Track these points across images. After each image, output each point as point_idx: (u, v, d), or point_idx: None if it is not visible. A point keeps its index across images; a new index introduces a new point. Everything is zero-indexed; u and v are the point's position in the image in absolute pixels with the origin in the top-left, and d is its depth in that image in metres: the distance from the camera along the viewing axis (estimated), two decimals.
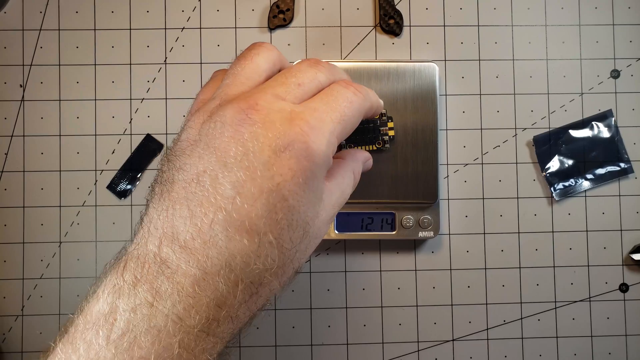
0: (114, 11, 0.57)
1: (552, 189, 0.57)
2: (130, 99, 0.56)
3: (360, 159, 0.36)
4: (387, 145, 0.43)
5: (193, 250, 0.25)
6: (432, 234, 0.53)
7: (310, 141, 0.27)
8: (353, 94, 0.30)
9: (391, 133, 0.43)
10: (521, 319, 0.56)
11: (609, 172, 0.57)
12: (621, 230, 0.57)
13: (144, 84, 0.56)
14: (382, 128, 0.43)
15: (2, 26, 0.56)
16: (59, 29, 0.56)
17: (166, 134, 0.56)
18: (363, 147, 0.42)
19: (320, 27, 0.57)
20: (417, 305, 0.56)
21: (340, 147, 0.41)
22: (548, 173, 0.57)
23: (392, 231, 0.53)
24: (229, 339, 0.27)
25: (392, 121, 0.43)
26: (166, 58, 0.57)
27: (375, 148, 0.42)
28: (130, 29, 0.57)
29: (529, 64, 0.57)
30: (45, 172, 0.56)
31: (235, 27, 0.57)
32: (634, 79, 0.57)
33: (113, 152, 0.56)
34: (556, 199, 0.57)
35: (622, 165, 0.57)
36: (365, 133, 0.42)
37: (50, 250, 0.56)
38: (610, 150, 0.57)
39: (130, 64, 0.56)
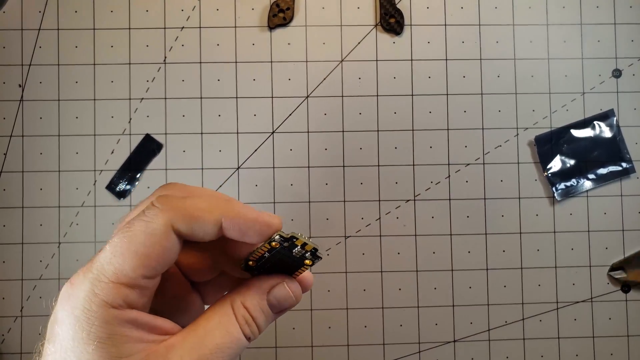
0: (113, 10, 0.56)
1: (553, 189, 0.56)
2: (130, 99, 0.56)
3: (262, 289, 0.27)
4: (318, 259, 0.28)
5: None
6: None
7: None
8: None
9: (309, 247, 0.28)
10: (523, 319, 0.56)
11: (610, 172, 0.57)
12: (623, 230, 0.56)
13: (143, 84, 0.56)
14: (294, 251, 0.28)
15: (1, 26, 0.56)
16: (58, 29, 0.56)
17: (165, 133, 0.56)
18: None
19: (320, 26, 0.57)
20: (418, 306, 0.56)
21: None
22: (550, 173, 0.56)
23: None
24: None
25: (302, 237, 0.28)
26: (165, 57, 0.56)
27: (305, 270, 0.29)
28: (129, 29, 0.56)
29: (530, 63, 0.57)
30: (44, 172, 0.56)
31: (235, 26, 0.57)
32: (635, 78, 0.57)
33: (112, 152, 0.56)
34: (558, 199, 0.56)
35: (624, 165, 0.57)
36: (280, 265, 0.29)
37: (50, 250, 0.55)
38: (612, 150, 0.57)
39: (130, 63, 0.56)
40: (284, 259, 0.28)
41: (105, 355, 0.23)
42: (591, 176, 0.57)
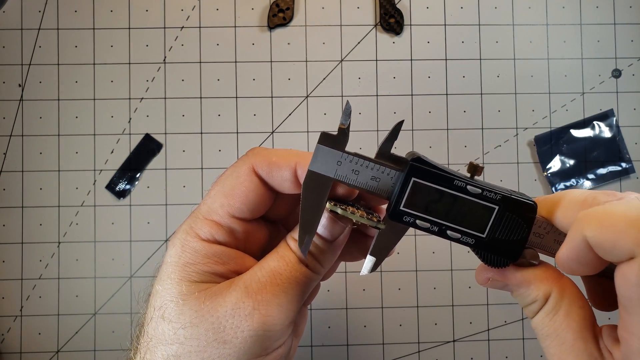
0: (112, 10, 0.56)
1: (553, 188, 0.56)
2: (129, 99, 0.56)
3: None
4: (381, 225, 0.28)
5: None
6: None
7: None
8: None
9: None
10: (522, 319, 0.56)
11: (610, 172, 0.57)
12: None
13: (143, 84, 0.56)
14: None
15: (0, 25, 0.56)
16: (57, 28, 0.56)
17: (165, 133, 0.56)
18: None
19: (320, 26, 0.57)
20: (417, 306, 0.56)
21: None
22: (549, 173, 0.56)
23: None
24: None
25: (352, 216, 0.28)
26: (165, 57, 0.56)
27: (374, 220, 0.28)
28: (129, 28, 0.56)
29: (530, 63, 0.57)
30: (44, 172, 0.56)
31: (235, 26, 0.57)
32: (635, 78, 0.57)
33: (112, 152, 0.56)
34: None
35: (624, 165, 0.57)
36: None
37: (49, 250, 0.55)
38: (611, 150, 0.57)
39: (129, 63, 0.56)
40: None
41: (185, 277, 0.27)
42: (591, 176, 0.57)
